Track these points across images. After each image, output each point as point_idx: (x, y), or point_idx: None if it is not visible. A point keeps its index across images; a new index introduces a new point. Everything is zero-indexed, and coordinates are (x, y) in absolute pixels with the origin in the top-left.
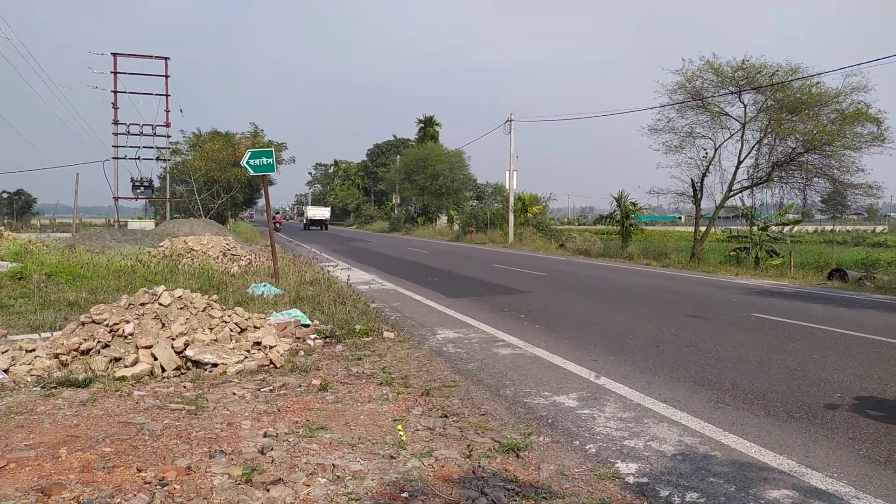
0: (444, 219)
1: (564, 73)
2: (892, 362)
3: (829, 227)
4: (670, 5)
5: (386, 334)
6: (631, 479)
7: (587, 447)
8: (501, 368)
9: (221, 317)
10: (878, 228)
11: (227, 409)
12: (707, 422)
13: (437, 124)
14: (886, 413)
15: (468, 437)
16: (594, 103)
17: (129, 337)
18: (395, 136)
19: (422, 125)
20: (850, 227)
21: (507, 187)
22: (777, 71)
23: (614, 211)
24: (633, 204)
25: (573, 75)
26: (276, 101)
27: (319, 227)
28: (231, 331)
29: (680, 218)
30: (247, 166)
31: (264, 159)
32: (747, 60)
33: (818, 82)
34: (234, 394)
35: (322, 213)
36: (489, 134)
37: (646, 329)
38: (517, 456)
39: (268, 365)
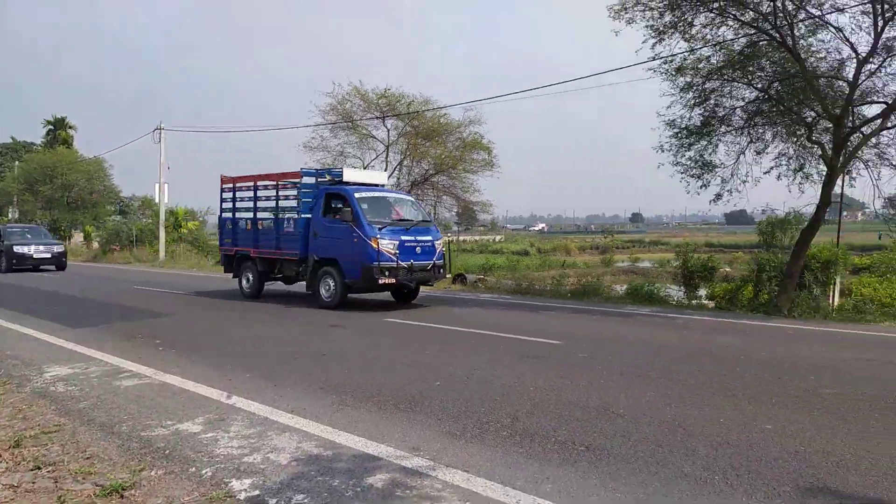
0: (80, 236)
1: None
2: (481, 350)
3: (462, 238)
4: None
5: None
6: (243, 496)
7: (203, 472)
8: (121, 403)
9: None
10: (497, 238)
11: None
12: (326, 425)
13: (71, 127)
14: (491, 393)
15: (64, 487)
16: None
17: None
18: (13, 139)
19: (51, 127)
20: (478, 237)
21: (157, 201)
22: (412, 101)
23: None
24: None
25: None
26: None
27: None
28: None
29: None
30: None
31: None
32: (388, 89)
33: (445, 114)
34: None
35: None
36: (138, 141)
37: (286, 342)
38: (122, 497)
39: None
